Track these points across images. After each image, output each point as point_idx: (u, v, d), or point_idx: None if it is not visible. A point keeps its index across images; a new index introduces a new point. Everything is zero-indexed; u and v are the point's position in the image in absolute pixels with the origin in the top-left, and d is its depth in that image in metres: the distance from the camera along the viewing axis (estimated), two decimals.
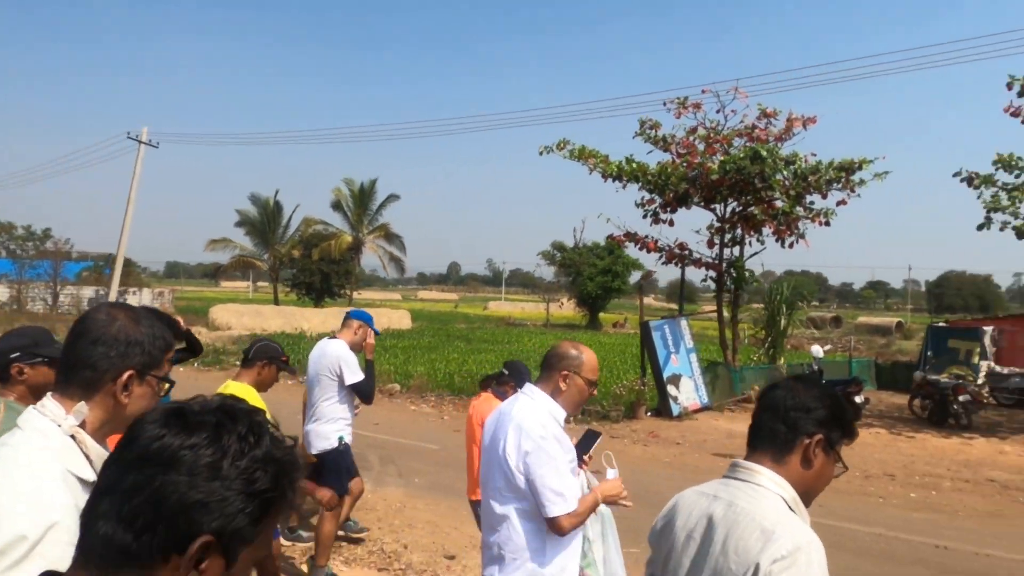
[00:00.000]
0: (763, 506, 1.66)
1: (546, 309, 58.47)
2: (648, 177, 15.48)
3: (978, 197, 13.82)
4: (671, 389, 14.13)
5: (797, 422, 1.74)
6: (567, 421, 2.84)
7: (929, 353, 18.68)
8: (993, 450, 12.05)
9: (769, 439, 1.76)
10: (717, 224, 16.57)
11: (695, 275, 18.32)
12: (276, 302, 43.87)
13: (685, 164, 15.05)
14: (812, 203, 15.28)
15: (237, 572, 0.90)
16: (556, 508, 2.56)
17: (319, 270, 43.77)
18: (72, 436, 1.44)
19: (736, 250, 16.94)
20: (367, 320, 5.37)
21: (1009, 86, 13.13)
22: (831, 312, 57.97)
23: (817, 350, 15.31)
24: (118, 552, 0.86)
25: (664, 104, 15.70)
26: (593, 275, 56.04)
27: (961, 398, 13.67)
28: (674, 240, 16.69)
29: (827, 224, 16.23)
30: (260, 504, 0.90)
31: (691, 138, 15.86)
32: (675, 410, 14.02)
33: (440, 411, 14.42)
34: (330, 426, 5.07)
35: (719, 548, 1.65)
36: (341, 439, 5.10)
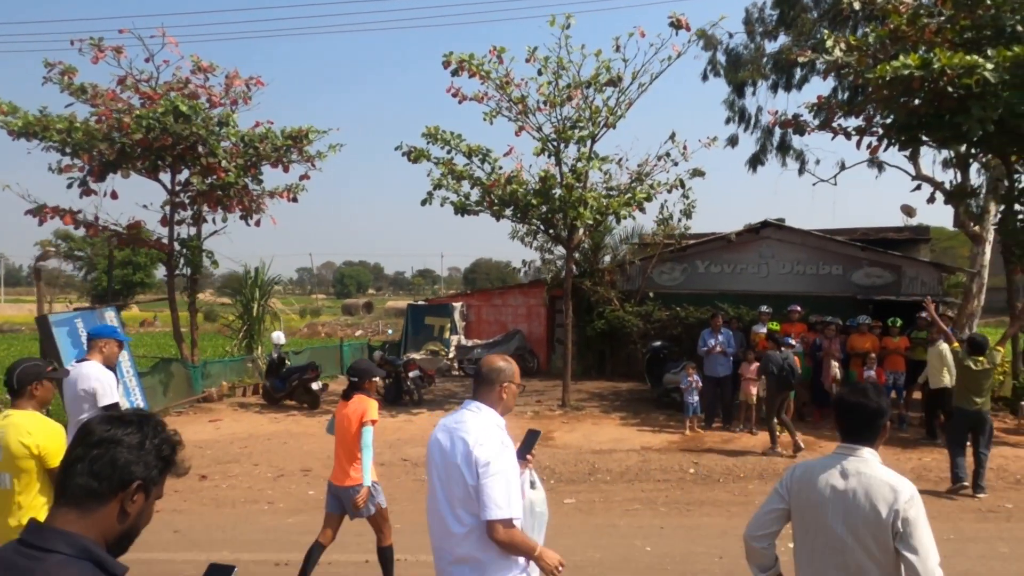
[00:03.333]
0: (879, 470, 2.64)
1: (48, 309, 48.50)
2: (55, 135, 12.23)
3: (428, 174, 13.86)
4: None
5: (880, 423, 2.76)
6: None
7: (409, 331, 19.10)
8: (430, 424, 11.99)
9: (868, 435, 2.73)
10: (179, 199, 14.21)
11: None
12: None
13: (96, 120, 12.25)
14: (261, 175, 13.85)
15: (149, 504, 1.63)
16: (494, 512, 2.75)
17: None
18: None
19: (204, 228, 14.83)
20: (110, 333, 5.52)
21: (446, 64, 13.27)
22: (363, 299, 59.89)
23: (278, 336, 14.03)
24: (90, 493, 1.54)
25: (73, 44, 12.61)
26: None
27: (411, 374, 13.63)
28: (128, 216, 13.95)
29: (295, 200, 15.11)
30: (164, 464, 1.65)
31: (121, 91, 13.07)
32: None
33: None
34: None
35: (862, 499, 2.57)
36: None
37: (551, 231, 13.63)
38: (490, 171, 12.92)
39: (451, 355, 18.36)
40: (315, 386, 13.35)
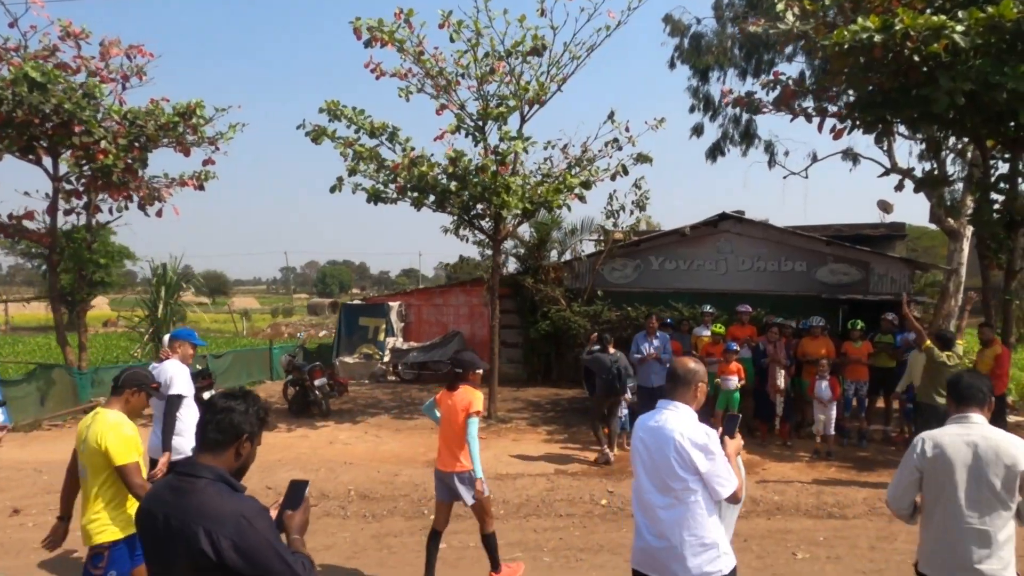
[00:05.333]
0: (1002, 433, 3.20)
1: (4, 310, 46.58)
2: None
3: (347, 159, 12.31)
4: None
5: (988, 392, 3.37)
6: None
7: (343, 332, 17.61)
8: (324, 442, 10.52)
9: (979, 400, 3.32)
10: (69, 185, 12.70)
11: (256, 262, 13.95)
12: None
13: None
14: (146, 157, 12.28)
15: (254, 449, 2.49)
16: (727, 490, 3.15)
17: None
18: None
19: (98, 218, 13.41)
20: (185, 336, 6.24)
21: (357, 33, 11.74)
22: (329, 299, 58.28)
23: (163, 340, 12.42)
24: (217, 442, 2.37)
25: None
26: (69, 266, 46.87)
27: (317, 382, 12.12)
28: (19, 206, 12.50)
29: (201, 188, 13.58)
30: (261, 423, 2.49)
31: None
32: None
33: None
34: (182, 439, 5.55)
35: (993, 458, 3.12)
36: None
37: (474, 221, 12.14)
38: (401, 152, 11.43)
39: (386, 359, 16.87)
40: (207, 396, 11.78)
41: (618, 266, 16.07)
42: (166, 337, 13.06)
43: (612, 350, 9.34)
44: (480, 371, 5.52)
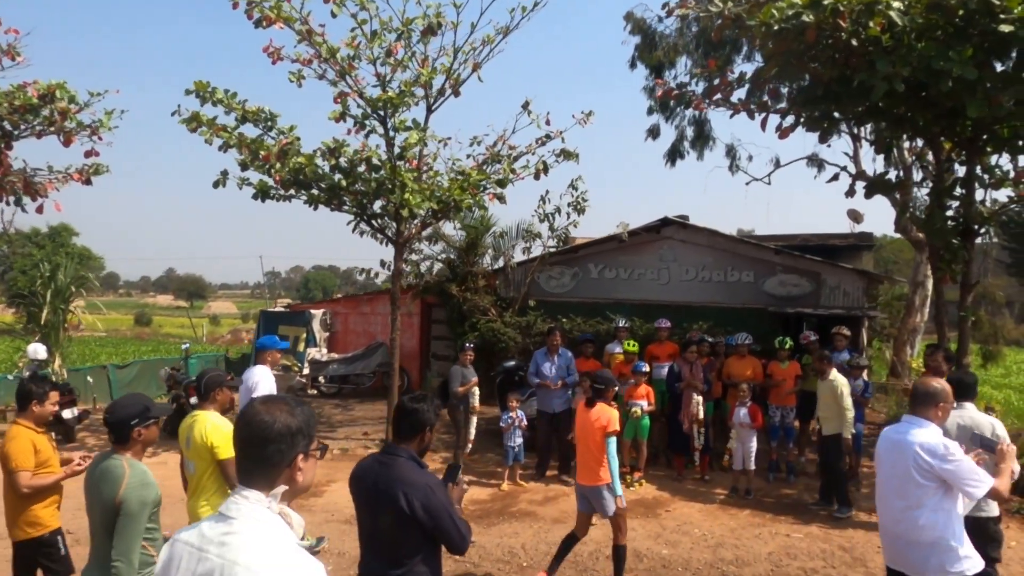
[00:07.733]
0: (982, 415, 4.58)
1: None
2: None
3: (207, 143, 10.85)
4: None
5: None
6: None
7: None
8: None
9: (971, 396, 4.69)
10: None
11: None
12: None
13: None
14: (6, 146, 11.01)
15: (432, 438, 3.30)
16: (980, 490, 3.44)
17: None
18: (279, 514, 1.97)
19: None
20: (272, 344, 6.79)
21: (247, 14, 10.48)
22: (285, 304, 56.82)
23: (35, 349, 11.16)
24: (409, 432, 3.19)
25: None
26: (27, 267, 45.45)
27: (193, 400, 10.79)
28: None
29: (88, 183, 12.31)
30: (437, 417, 3.30)
31: None
32: None
33: None
34: None
35: (974, 428, 4.35)
36: None
37: (374, 222, 10.89)
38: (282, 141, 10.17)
39: (305, 371, 15.60)
40: (67, 414, 10.51)
41: (555, 274, 14.87)
42: (30, 347, 11.95)
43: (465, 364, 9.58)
44: (616, 388, 5.76)
